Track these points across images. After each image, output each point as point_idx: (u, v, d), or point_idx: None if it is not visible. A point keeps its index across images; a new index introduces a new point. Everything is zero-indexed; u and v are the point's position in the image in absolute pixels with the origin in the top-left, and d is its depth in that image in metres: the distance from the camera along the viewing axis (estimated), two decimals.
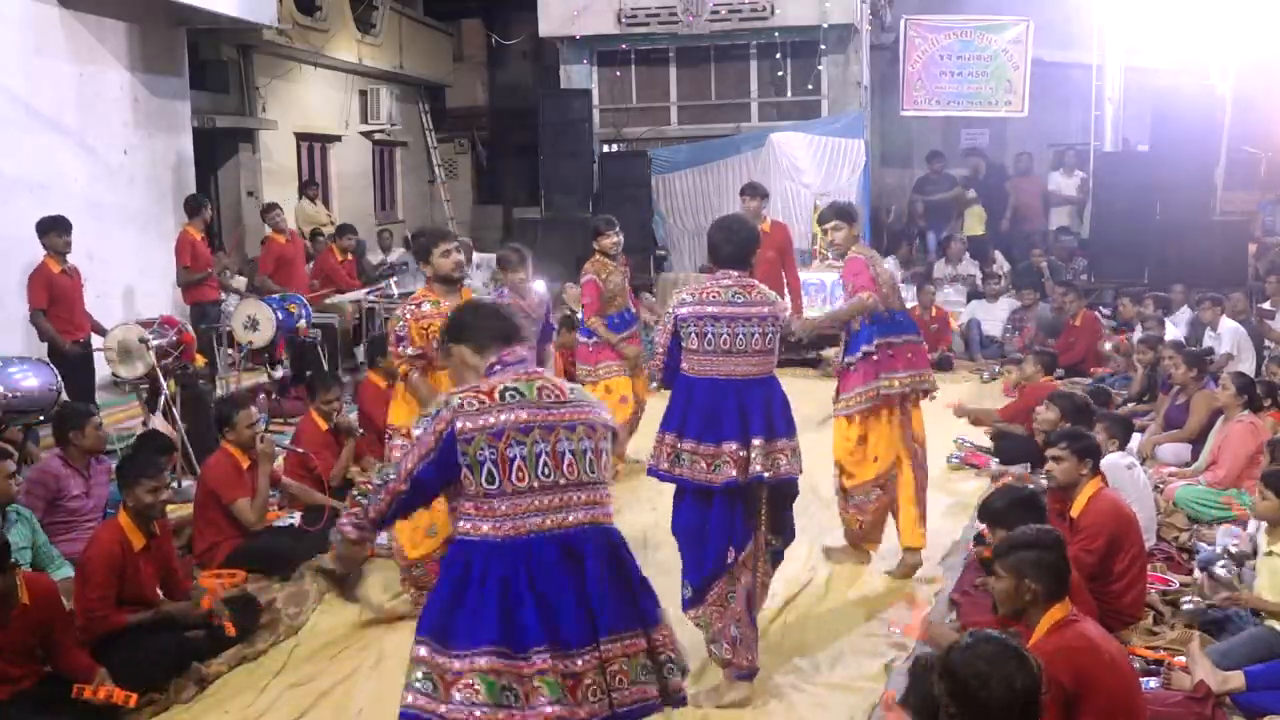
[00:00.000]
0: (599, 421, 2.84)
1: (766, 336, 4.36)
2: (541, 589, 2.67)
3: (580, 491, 2.76)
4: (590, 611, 2.68)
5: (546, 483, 2.72)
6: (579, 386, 2.97)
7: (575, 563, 2.71)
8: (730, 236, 4.49)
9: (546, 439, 2.73)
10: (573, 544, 2.72)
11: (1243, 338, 9.12)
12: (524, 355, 2.91)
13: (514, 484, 2.69)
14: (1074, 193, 13.95)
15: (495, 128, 20.31)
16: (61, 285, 7.73)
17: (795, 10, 13.23)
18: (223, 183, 13.93)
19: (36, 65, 9.04)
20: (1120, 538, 4.77)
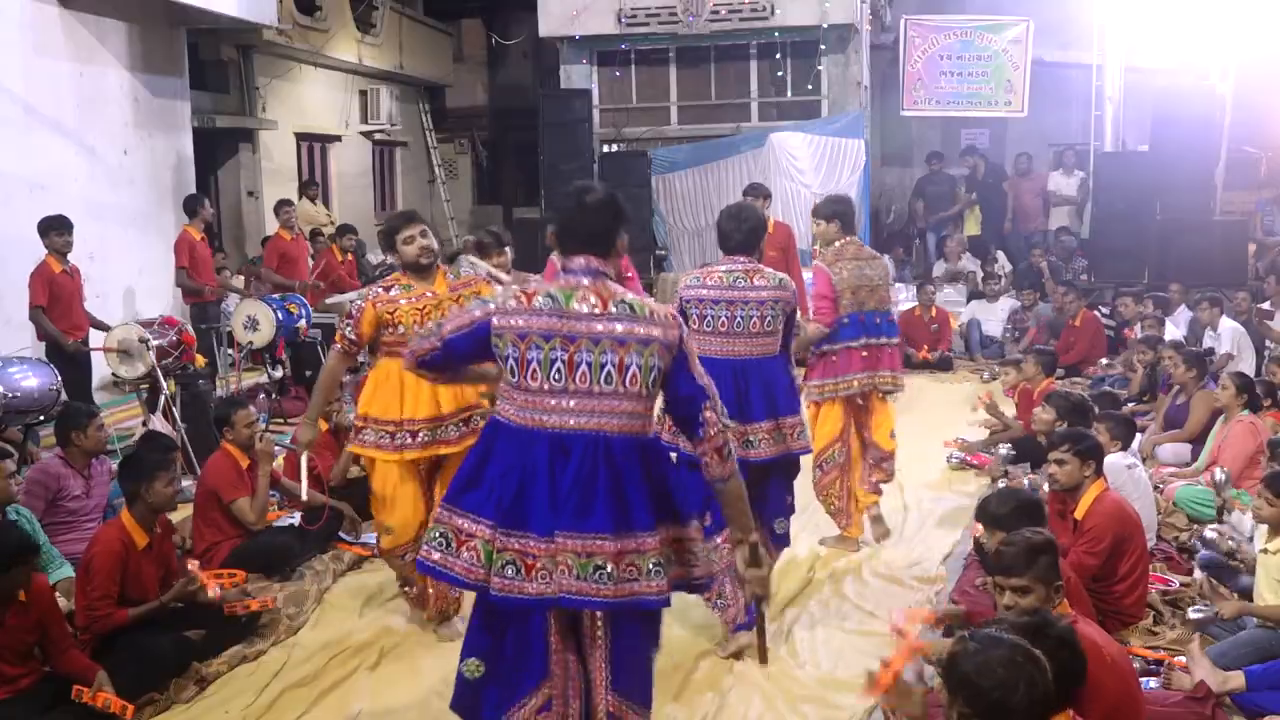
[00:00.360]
0: (635, 337, 2.92)
1: (765, 319, 4.58)
2: (531, 477, 2.92)
3: (589, 400, 2.91)
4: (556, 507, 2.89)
5: (556, 387, 2.92)
6: (630, 300, 2.97)
7: (565, 461, 2.91)
8: (739, 225, 4.68)
9: (566, 348, 2.91)
10: (565, 444, 2.91)
11: (1242, 337, 9.12)
12: (588, 265, 3.00)
13: (527, 382, 2.93)
14: (1074, 193, 13.95)
15: (495, 128, 20.32)
16: (62, 284, 7.73)
17: (795, 10, 13.23)
18: (223, 183, 13.94)
19: (36, 65, 9.04)
20: (1125, 540, 4.76)
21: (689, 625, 4.90)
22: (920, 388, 10.31)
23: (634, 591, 2.91)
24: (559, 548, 2.87)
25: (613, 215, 3.08)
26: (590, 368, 2.91)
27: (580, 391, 2.91)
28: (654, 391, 2.98)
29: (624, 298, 2.98)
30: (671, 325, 2.98)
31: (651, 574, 2.93)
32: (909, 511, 6.70)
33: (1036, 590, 3.44)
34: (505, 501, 2.93)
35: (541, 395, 2.92)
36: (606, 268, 3.03)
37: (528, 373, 2.92)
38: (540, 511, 2.89)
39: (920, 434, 8.11)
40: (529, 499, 2.91)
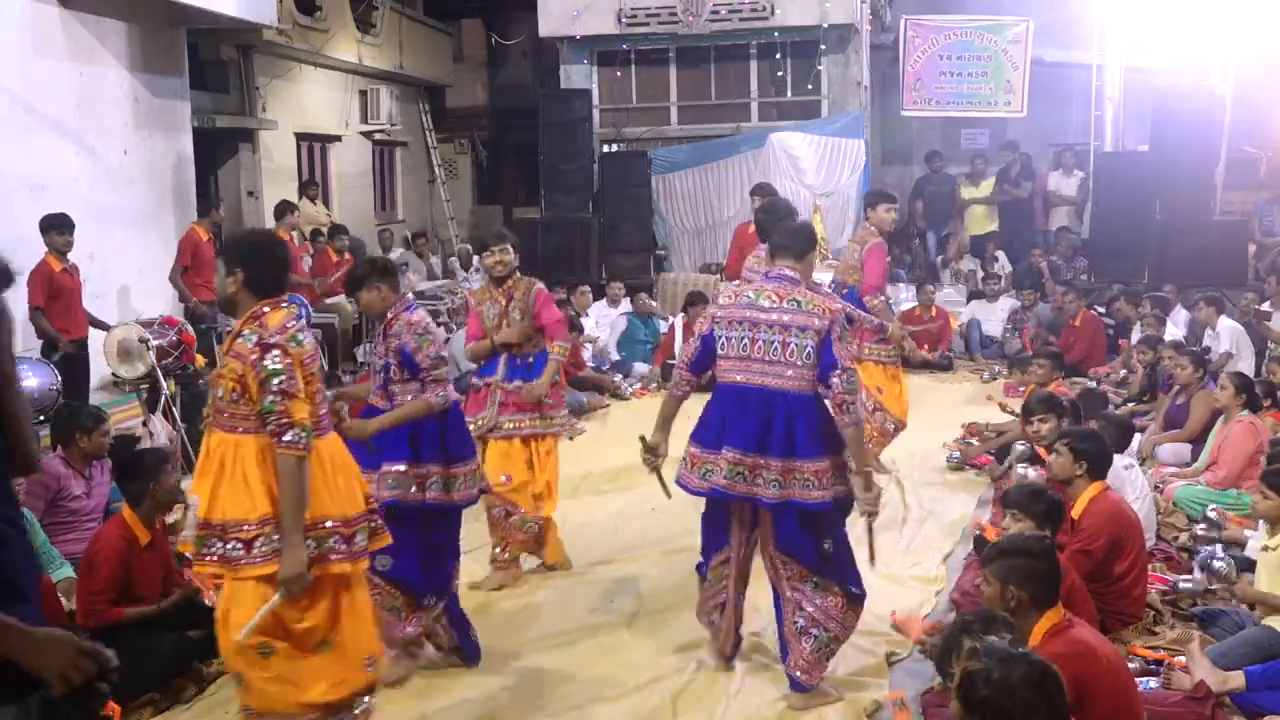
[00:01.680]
0: (796, 324, 4.14)
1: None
2: (733, 416, 4.22)
3: (764, 365, 4.17)
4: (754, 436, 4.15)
5: (743, 355, 4.20)
6: (799, 298, 4.18)
7: (748, 405, 4.18)
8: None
9: (752, 330, 4.19)
10: (749, 394, 4.19)
11: (1241, 336, 9.12)
12: (779, 273, 4.29)
13: (724, 353, 4.26)
14: (1073, 193, 13.95)
15: (495, 128, 20.30)
16: (61, 284, 7.73)
17: (795, 10, 13.23)
18: (223, 183, 13.93)
19: (36, 65, 9.03)
20: (1122, 540, 4.76)
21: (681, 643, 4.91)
22: (920, 388, 10.31)
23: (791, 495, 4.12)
24: (737, 460, 4.14)
25: (805, 237, 4.41)
26: (765, 344, 4.16)
27: (758, 359, 4.16)
28: (810, 362, 4.10)
29: (795, 296, 4.18)
30: (824, 317, 4.12)
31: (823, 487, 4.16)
32: (909, 512, 6.70)
33: (993, 584, 3.57)
34: (710, 431, 4.24)
35: (734, 361, 4.22)
36: (797, 272, 4.28)
37: (725, 346, 4.24)
38: (730, 437, 4.17)
39: (920, 434, 8.12)
40: (725, 429, 4.18)
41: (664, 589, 5.58)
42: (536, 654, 4.90)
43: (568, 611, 5.36)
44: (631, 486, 7.28)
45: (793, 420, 4.12)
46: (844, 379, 4.06)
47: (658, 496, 6.85)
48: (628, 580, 5.73)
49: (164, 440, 7.09)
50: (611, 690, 4.54)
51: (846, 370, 4.07)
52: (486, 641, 4.91)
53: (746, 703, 4.40)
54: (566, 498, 7.11)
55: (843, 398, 4.06)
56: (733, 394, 4.21)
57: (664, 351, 10.88)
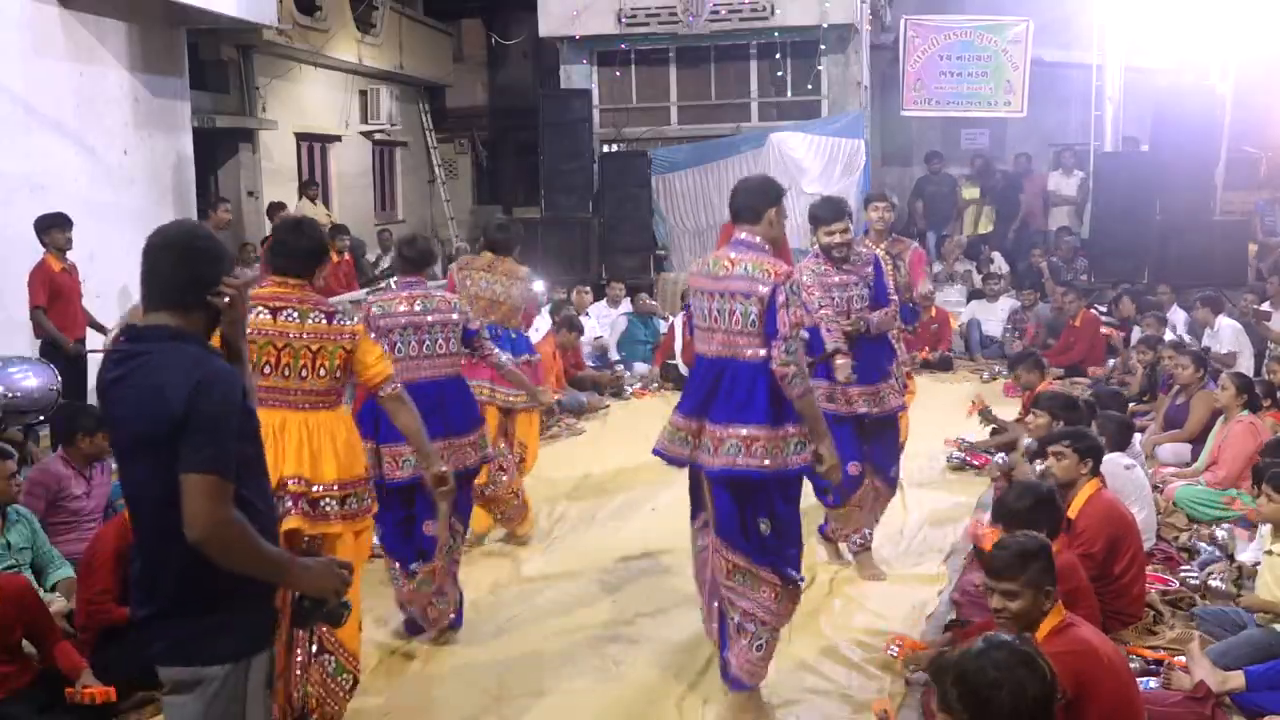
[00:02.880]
0: (741, 290, 3.94)
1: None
2: (694, 383, 4.18)
3: (720, 335, 4.02)
4: (701, 401, 4.08)
5: (705, 325, 4.09)
6: (748, 261, 3.96)
7: (705, 372, 4.09)
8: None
9: (708, 300, 4.04)
10: (709, 362, 4.09)
11: (1241, 335, 9.12)
12: (738, 238, 4.09)
13: (696, 324, 4.17)
14: (1073, 193, 13.96)
15: (495, 128, 20.32)
16: (61, 283, 7.72)
17: (795, 10, 13.23)
18: (223, 183, 13.94)
19: (36, 65, 9.04)
20: (1119, 540, 4.76)
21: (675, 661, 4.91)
22: (920, 388, 10.27)
23: (730, 463, 3.94)
24: (681, 425, 4.11)
25: (760, 193, 4.10)
26: (720, 313, 4.00)
27: (718, 330, 4.02)
28: (756, 329, 3.91)
29: (745, 261, 3.97)
30: (768, 280, 3.89)
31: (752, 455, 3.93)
32: (909, 512, 6.70)
33: (1024, 595, 3.44)
34: (687, 399, 4.16)
35: (701, 331, 4.13)
36: (757, 238, 4.05)
37: (695, 316, 4.14)
38: (682, 402, 4.17)
39: (920, 434, 8.11)
40: (714, 399, 4.03)
41: (665, 589, 5.57)
42: (537, 654, 4.90)
43: (569, 611, 5.36)
44: (631, 486, 7.29)
45: (741, 388, 3.94)
46: (784, 348, 3.84)
47: (658, 496, 6.88)
48: (629, 580, 5.73)
49: None
50: (612, 686, 4.54)
51: (787, 339, 3.84)
52: (487, 641, 4.91)
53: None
54: (566, 498, 7.12)
55: (782, 369, 3.84)
56: (699, 363, 4.17)
57: (664, 351, 10.88)
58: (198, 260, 2.61)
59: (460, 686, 4.59)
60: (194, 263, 2.60)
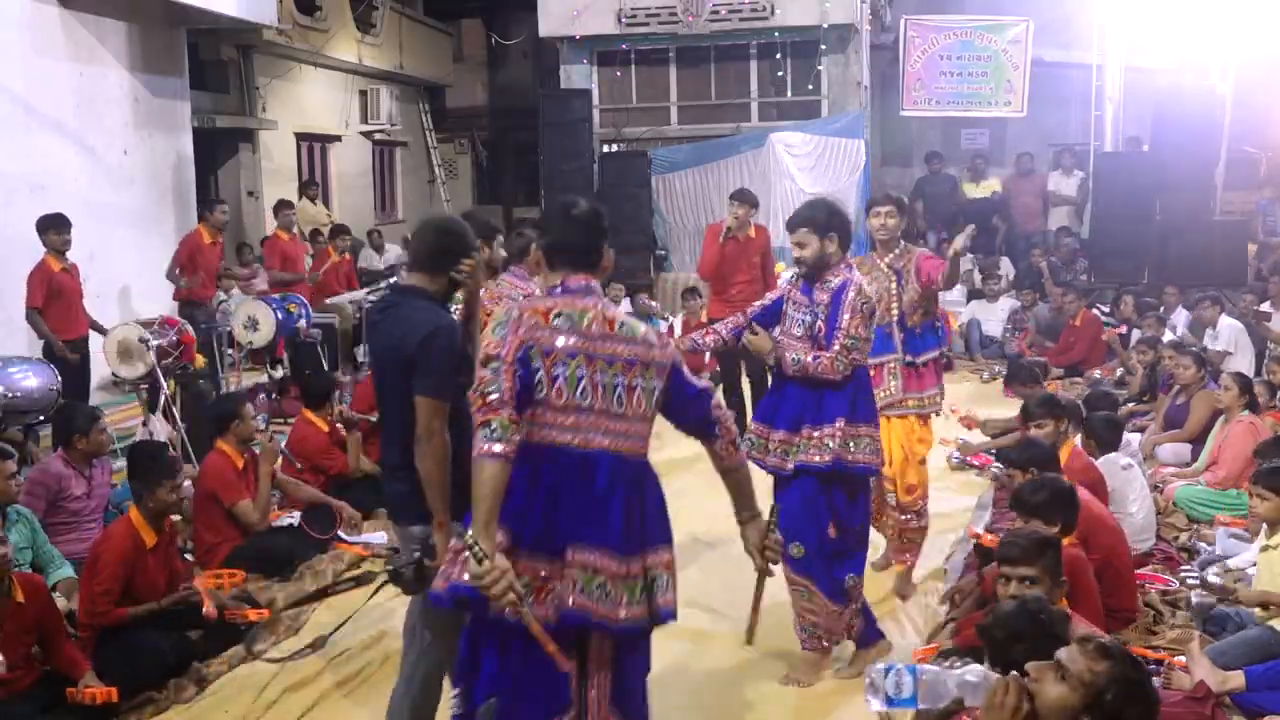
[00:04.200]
0: (640, 359, 2.97)
1: None
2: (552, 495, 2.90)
3: (607, 420, 2.92)
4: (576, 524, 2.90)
5: (581, 405, 2.90)
6: (629, 322, 3.02)
7: (588, 480, 2.90)
8: (850, 222, 4.57)
9: (587, 367, 2.91)
10: (590, 463, 2.90)
11: (1241, 335, 9.11)
12: (586, 284, 3.01)
13: (553, 399, 2.89)
14: (1073, 193, 13.95)
15: (495, 128, 20.32)
16: (61, 283, 7.72)
17: (795, 10, 13.23)
18: (223, 183, 13.95)
19: (36, 65, 9.04)
20: (1086, 539, 4.69)
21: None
22: None
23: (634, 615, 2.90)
24: (570, 563, 2.86)
25: (601, 229, 3.08)
26: (605, 389, 2.92)
27: (601, 411, 2.92)
28: (654, 413, 3.02)
29: (623, 320, 3.01)
30: (664, 345, 3.05)
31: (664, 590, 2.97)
32: None
33: (1043, 581, 3.48)
34: (530, 521, 2.88)
35: (565, 413, 2.90)
36: (597, 284, 3.05)
37: (552, 390, 2.88)
38: (562, 533, 2.88)
39: None
40: (553, 519, 2.88)
41: None
42: None
43: None
44: None
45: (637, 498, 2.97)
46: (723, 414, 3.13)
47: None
48: None
49: (163, 440, 7.08)
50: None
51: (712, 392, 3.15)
52: None
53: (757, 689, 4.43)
54: None
55: (733, 433, 3.16)
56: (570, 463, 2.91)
57: None
58: (448, 240, 3.56)
59: None
60: (445, 241, 3.56)
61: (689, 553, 6.16)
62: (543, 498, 2.89)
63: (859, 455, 4.36)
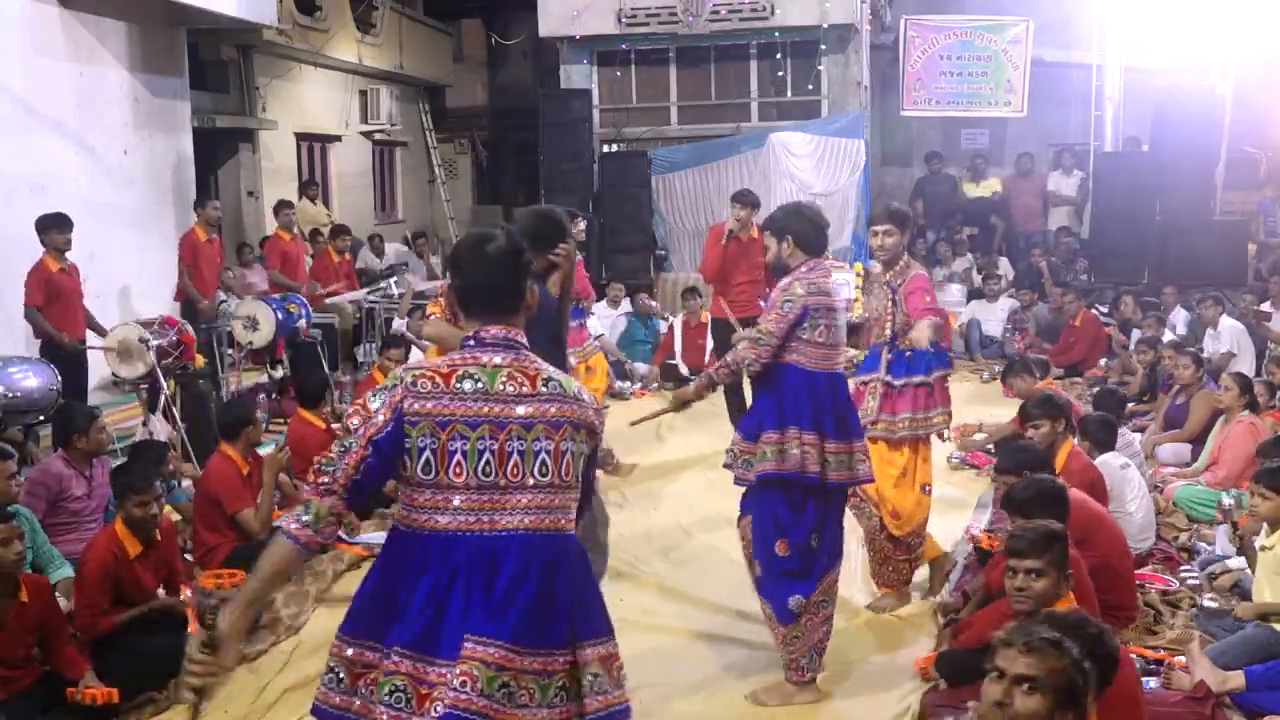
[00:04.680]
0: (569, 419, 2.55)
1: (843, 330, 4.45)
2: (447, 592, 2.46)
3: (522, 494, 2.50)
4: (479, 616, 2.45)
5: (485, 482, 2.48)
6: (558, 377, 2.59)
7: (491, 570, 2.47)
8: (815, 224, 4.44)
9: (495, 436, 2.48)
10: (494, 548, 2.48)
11: (1242, 335, 9.12)
12: (505, 335, 2.58)
13: (449, 479, 2.47)
14: (1073, 193, 13.95)
15: (495, 128, 20.31)
16: (60, 283, 7.72)
17: (795, 10, 13.23)
18: (223, 183, 13.94)
19: (36, 65, 9.04)
20: (1084, 539, 4.70)
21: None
22: None
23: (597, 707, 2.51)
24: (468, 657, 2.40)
25: (521, 267, 2.64)
26: (523, 457, 2.49)
27: (514, 486, 2.49)
28: (580, 482, 2.59)
29: (551, 374, 2.58)
30: (595, 405, 2.64)
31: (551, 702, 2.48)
32: None
33: (1050, 574, 3.48)
34: (418, 621, 2.44)
35: (466, 493, 2.47)
36: (520, 335, 2.60)
37: (450, 467, 2.46)
38: (453, 631, 2.43)
39: None
40: (443, 618, 2.44)
41: (666, 588, 5.58)
42: None
43: None
44: (632, 485, 7.30)
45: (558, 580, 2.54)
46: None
47: (660, 493, 6.90)
48: (629, 579, 5.73)
49: (163, 440, 7.09)
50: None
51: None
52: None
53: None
54: None
55: None
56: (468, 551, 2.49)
57: (664, 351, 10.89)
58: (548, 225, 4.11)
59: None
60: (546, 226, 4.10)
61: (689, 551, 6.18)
62: (425, 594, 2.45)
63: (785, 464, 4.22)
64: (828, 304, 4.30)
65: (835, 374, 4.36)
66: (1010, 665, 2.55)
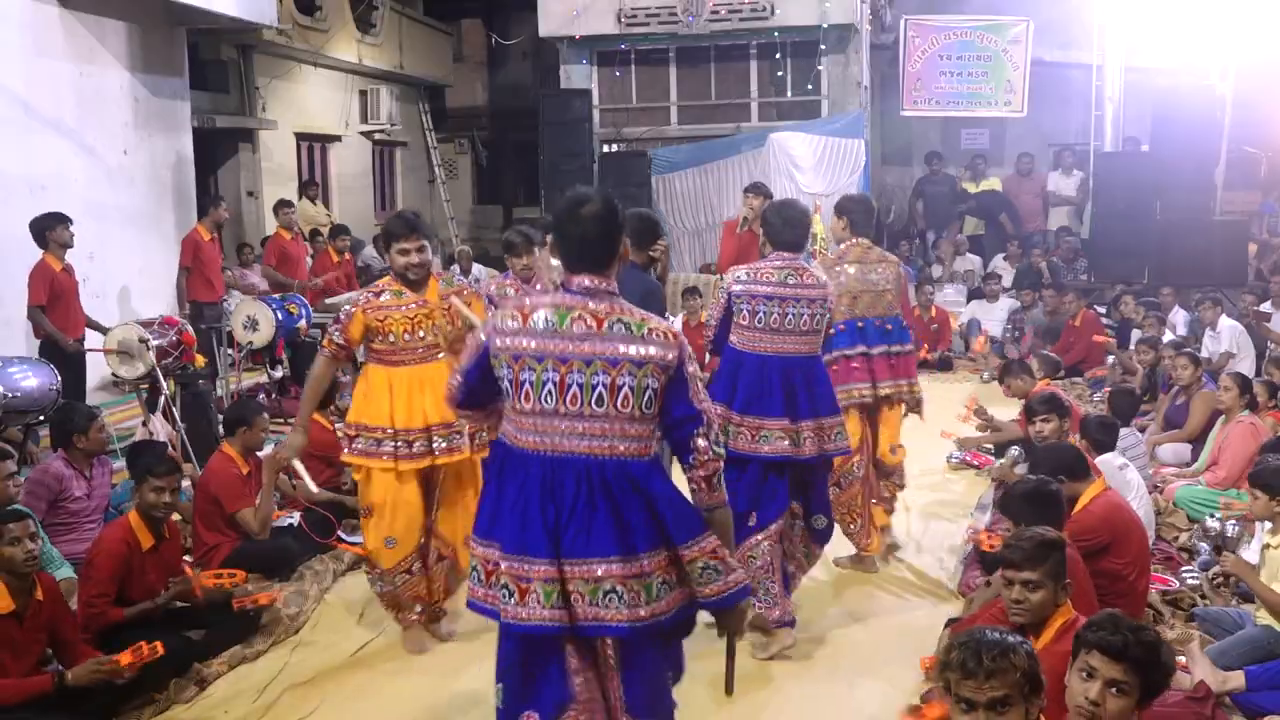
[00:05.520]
0: (629, 357, 2.81)
1: (815, 318, 4.66)
2: (529, 501, 2.85)
3: (579, 422, 2.81)
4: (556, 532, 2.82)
5: (546, 409, 2.83)
6: (628, 320, 2.85)
7: (560, 485, 2.84)
8: (789, 221, 4.76)
9: (558, 369, 2.82)
10: (559, 468, 2.83)
11: (1241, 335, 9.12)
12: (585, 284, 2.89)
13: (519, 404, 2.86)
14: (1073, 193, 13.95)
15: (495, 128, 20.32)
16: (61, 283, 7.72)
17: (795, 10, 13.24)
18: (223, 183, 13.94)
19: (36, 65, 9.04)
20: (1117, 541, 4.74)
21: None
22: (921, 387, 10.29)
23: (640, 616, 2.80)
24: (565, 574, 2.81)
25: (612, 227, 2.92)
26: (582, 389, 2.80)
27: (572, 414, 2.81)
28: (650, 413, 2.84)
29: (621, 316, 2.85)
30: (671, 345, 2.85)
31: (657, 595, 2.84)
32: (909, 511, 6.70)
33: (1046, 585, 3.47)
34: (510, 525, 2.86)
35: (534, 417, 2.84)
36: (607, 284, 2.90)
37: (521, 394, 2.84)
38: (536, 535, 2.81)
39: (920, 434, 8.11)
40: (529, 523, 2.83)
41: None
42: None
43: None
44: None
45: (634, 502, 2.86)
46: (712, 438, 2.91)
47: None
48: None
49: (163, 440, 7.08)
50: None
51: (712, 426, 2.92)
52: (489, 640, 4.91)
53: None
54: None
55: (715, 466, 2.92)
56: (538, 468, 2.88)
57: None
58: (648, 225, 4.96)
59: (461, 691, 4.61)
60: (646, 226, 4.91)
61: None
62: (511, 500, 2.87)
63: (738, 444, 4.59)
64: (763, 293, 4.62)
65: (788, 358, 4.64)
66: (1104, 670, 2.81)
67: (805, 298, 4.62)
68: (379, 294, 4.71)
